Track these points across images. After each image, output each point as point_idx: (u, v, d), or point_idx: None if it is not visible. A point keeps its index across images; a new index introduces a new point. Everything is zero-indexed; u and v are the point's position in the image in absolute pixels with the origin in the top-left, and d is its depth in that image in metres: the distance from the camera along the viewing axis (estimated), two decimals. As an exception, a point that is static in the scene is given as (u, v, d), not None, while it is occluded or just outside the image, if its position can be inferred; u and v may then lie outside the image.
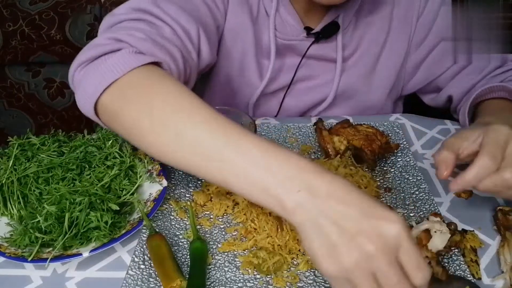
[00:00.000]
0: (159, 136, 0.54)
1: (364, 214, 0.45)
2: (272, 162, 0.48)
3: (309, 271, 0.63)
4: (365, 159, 0.78)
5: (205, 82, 1.01)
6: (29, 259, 0.61)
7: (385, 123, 0.91)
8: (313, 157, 0.83)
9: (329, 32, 0.89)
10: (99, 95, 0.58)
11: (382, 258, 0.44)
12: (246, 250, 0.66)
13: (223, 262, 0.65)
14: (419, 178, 0.77)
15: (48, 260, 0.60)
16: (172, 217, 0.71)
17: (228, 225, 0.70)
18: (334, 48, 0.92)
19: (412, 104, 1.04)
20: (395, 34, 0.94)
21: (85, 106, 0.60)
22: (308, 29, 0.89)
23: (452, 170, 0.62)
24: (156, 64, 0.63)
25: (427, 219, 0.65)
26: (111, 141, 0.76)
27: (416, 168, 0.80)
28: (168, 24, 0.70)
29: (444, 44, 0.91)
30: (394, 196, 0.75)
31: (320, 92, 0.96)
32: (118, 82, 0.58)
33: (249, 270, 0.63)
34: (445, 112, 0.98)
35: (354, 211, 0.45)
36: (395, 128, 0.90)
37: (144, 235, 0.67)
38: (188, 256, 0.65)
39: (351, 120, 0.91)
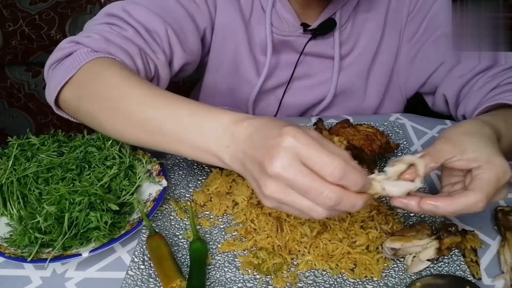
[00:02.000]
0: (113, 122, 0.63)
1: (264, 137, 0.48)
2: (203, 125, 0.54)
3: (309, 271, 0.63)
4: (365, 159, 0.78)
5: (202, 81, 1.01)
6: (29, 259, 0.61)
7: (385, 123, 0.91)
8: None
9: (325, 29, 0.89)
10: (59, 92, 0.69)
11: (286, 175, 0.46)
12: (246, 250, 0.66)
13: (223, 262, 0.64)
14: (419, 178, 0.77)
15: (48, 260, 0.60)
16: (172, 217, 0.71)
17: (228, 225, 0.70)
18: (332, 45, 0.92)
19: (412, 104, 1.04)
20: (389, 29, 0.93)
21: (50, 102, 0.71)
22: (305, 26, 0.89)
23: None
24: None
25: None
26: (111, 141, 0.76)
27: (416, 168, 0.79)
28: (132, 25, 0.77)
29: (435, 38, 0.89)
30: (394, 196, 0.74)
31: (319, 91, 0.96)
32: (73, 79, 0.68)
33: (249, 271, 0.63)
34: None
35: (258, 139, 0.49)
36: (395, 128, 0.90)
37: (144, 235, 0.67)
38: (188, 256, 0.65)
39: (351, 120, 0.91)
